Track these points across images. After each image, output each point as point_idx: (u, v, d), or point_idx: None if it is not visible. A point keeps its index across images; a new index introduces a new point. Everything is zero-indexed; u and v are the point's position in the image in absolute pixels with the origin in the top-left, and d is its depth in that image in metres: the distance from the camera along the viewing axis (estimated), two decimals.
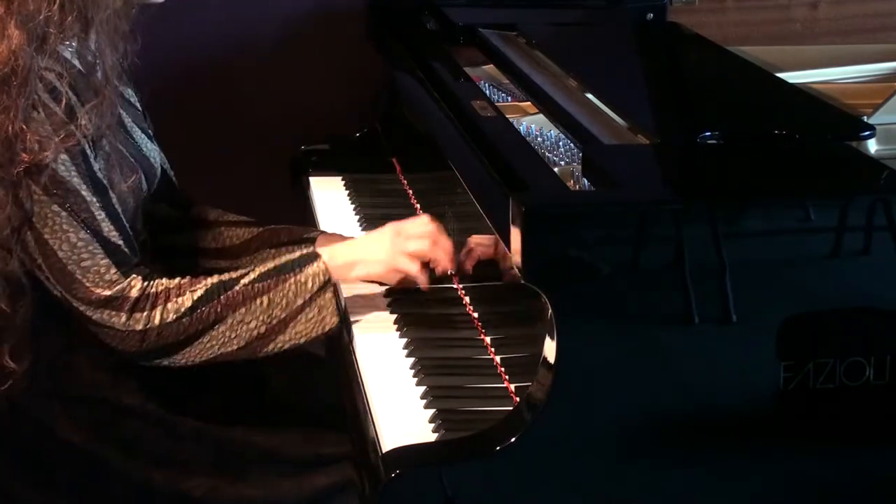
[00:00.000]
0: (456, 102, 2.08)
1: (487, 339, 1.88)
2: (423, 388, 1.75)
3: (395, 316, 1.96)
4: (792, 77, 2.23)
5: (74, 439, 1.86)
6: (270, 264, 1.83)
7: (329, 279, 1.83)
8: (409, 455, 1.57)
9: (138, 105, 2.03)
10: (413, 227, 1.91)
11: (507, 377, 1.77)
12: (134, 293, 1.77)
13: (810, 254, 1.59)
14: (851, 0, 3.06)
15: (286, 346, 1.82)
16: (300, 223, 2.43)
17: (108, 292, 1.76)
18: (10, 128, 1.70)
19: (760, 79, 2.16)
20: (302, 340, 1.83)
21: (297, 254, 1.86)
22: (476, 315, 1.95)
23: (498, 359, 1.82)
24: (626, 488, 1.59)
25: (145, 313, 1.77)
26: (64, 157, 1.74)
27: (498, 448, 1.54)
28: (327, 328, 1.83)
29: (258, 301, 1.80)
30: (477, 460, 1.55)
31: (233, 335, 1.80)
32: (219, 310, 1.79)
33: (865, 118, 2.06)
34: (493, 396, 1.73)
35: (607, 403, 1.56)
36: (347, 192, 2.51)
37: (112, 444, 1.87)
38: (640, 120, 1.90)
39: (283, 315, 1.80)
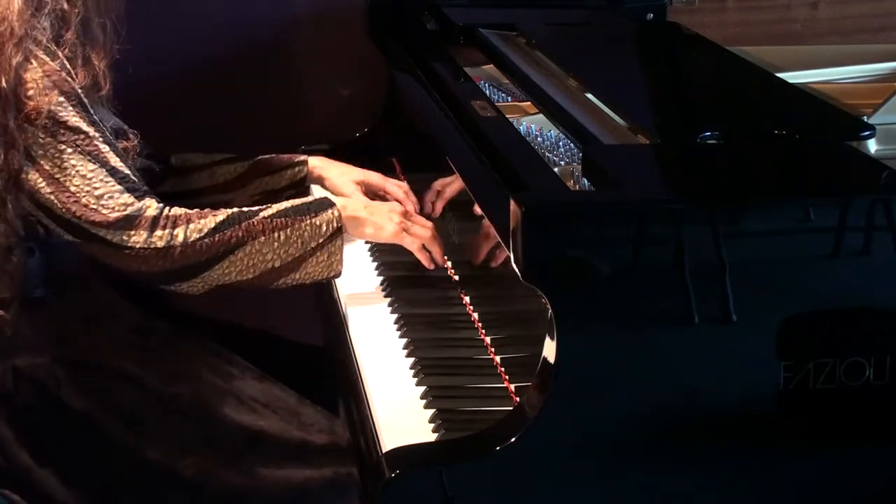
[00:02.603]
0: (456, 102, 2.08)
1: (487, 339, 1.88)
2: (423, 388, 1.75)
3: (395, 316, 1.96)
4: (792, 77, 2.23)
5: (77, 405, 1.88)
6: (287, 204, 1.91)
7: (341, 227, 1.91)
8: (409, 455, 1.57)
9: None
10: (419, 217, 2.05)
11: (507, 377, 1.77)
12: (151, 212, 1.82)
13: (810, 254, 1.59)
14: (851, 0, 3.07)
15: (295, 283, 1.91)
16: None
17: (124, 212, 1.81)
18: (2, 83, 1.77)
19: (760, 79, 2.15)
20: (308, 280, 1.91)
21: (312, 198, 1.95)
22: (476, 315, 1.95)
23: (498, 359, 1.82)
24: (626, 488, 1.59)
25: (167, 230, 1.82)
26: (60, 99, 1.81)
27: (498, 448, 1.54)
28: (332, 273, 1.91)
29: (276, 234, 1.86)
30: (477, 460, 1.55)
31: (250, 263, 1.86)
32: (240, 234, 1.85)
33: (865, 118, 2.06)
34: (493, 396, 1.73)
35: (607, 403, 1.56)
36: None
37: (113, 412, 1.89)
38: (640, 120, 1.90)
39: (297, 254, 1.88)
